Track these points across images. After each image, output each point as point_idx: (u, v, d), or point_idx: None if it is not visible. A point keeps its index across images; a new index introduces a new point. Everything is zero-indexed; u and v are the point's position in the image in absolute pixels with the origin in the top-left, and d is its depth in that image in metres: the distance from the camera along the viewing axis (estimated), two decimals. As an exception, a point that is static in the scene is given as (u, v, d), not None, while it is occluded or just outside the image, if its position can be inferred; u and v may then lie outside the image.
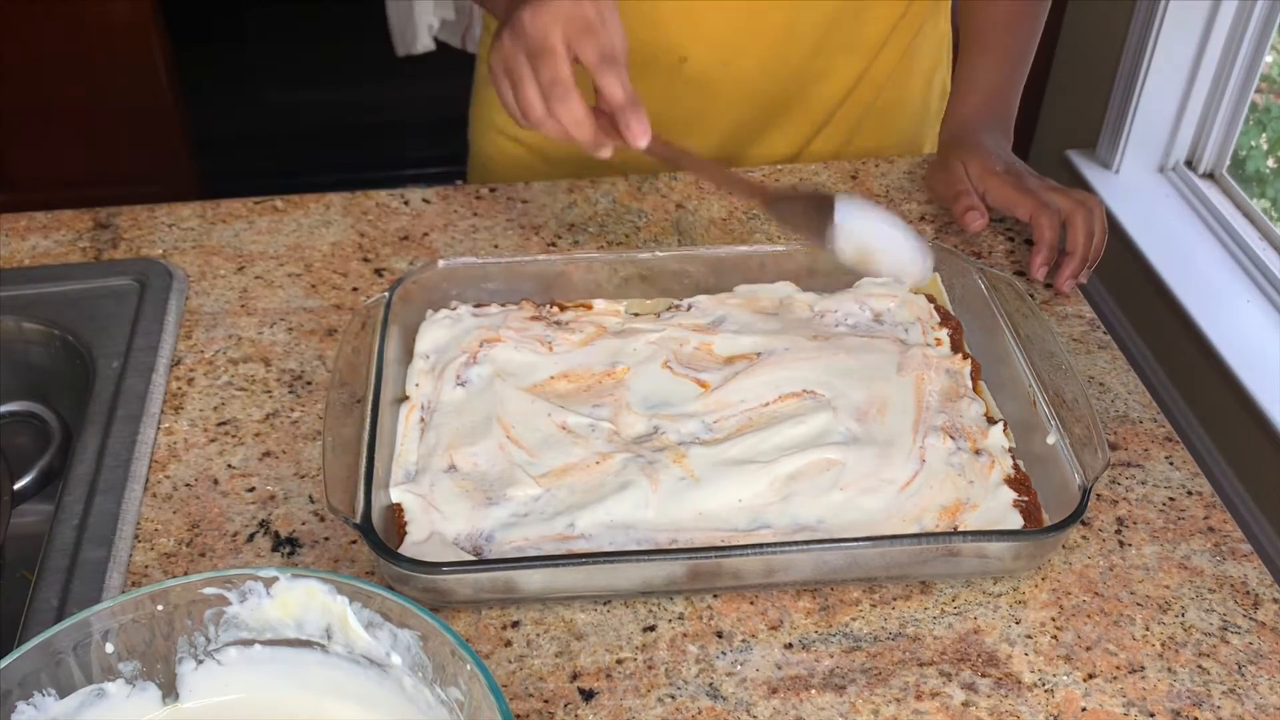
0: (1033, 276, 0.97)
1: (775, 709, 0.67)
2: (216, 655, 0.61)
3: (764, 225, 1.04)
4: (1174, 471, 0.83)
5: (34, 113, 2.46)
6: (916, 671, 0.69)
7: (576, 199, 1.08)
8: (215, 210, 1.06)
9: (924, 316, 0.90)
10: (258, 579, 0.59)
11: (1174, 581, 0.75)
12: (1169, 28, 2.29)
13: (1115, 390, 0.89)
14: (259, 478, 0.81)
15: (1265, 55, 2.23)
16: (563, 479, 0.77)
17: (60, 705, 0.57)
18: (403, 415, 0.81)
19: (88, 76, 2.41)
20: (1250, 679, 0.69)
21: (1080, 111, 2.58)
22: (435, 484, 0.76)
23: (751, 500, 0.76)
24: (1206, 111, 2.37)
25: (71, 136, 2.51)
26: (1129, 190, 2.44)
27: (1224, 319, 2.13)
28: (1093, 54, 2.52)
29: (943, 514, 0.75)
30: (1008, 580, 0.75)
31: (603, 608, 0.73)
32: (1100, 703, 0.68)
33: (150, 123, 2.49)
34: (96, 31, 2.37)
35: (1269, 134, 2.38)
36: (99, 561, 0.74)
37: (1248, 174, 2.36)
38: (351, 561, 0.76)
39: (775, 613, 0.73)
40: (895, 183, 1.11)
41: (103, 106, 2.46)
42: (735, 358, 0.86)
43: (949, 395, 0.83)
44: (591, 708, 0.67)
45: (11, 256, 1.01)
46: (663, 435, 0.80)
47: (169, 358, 0.90)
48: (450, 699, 0.57)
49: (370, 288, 0.98)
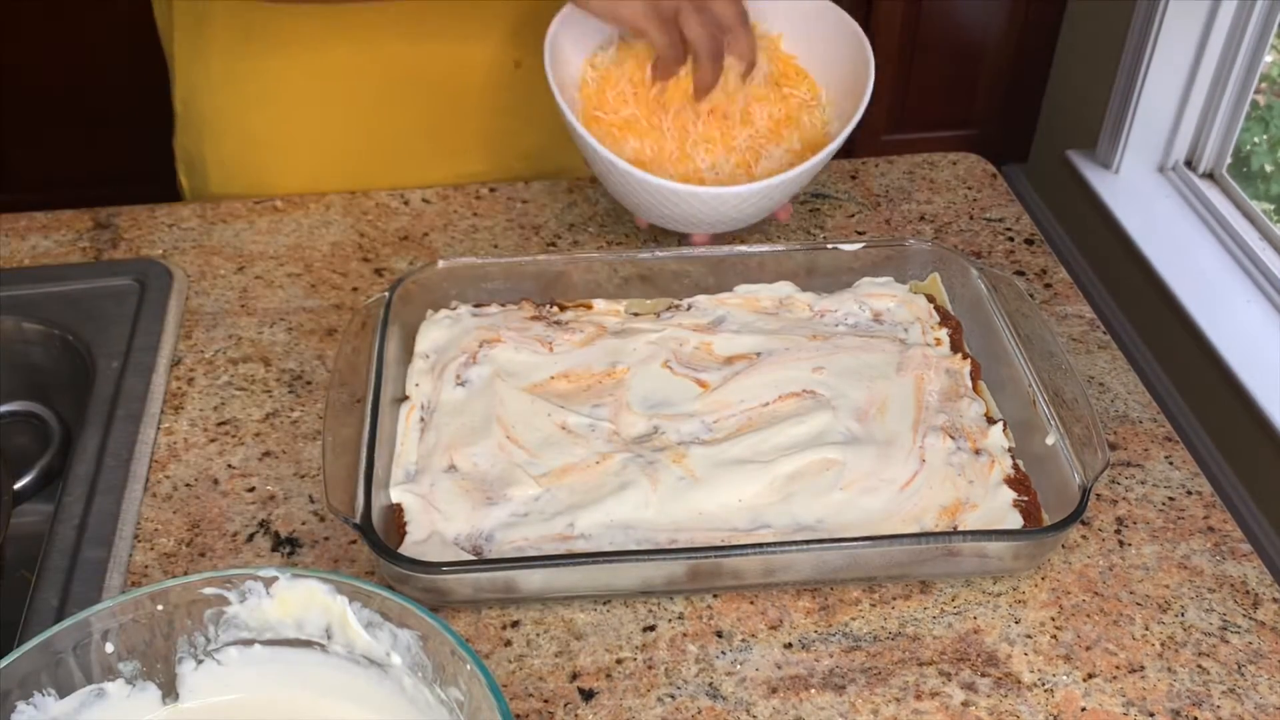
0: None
1: (775, 709, 0.67)
2: (216, 655, 0.61)
3: (764, 225, 1.04)
4: (1174, 471, 0.83)
5: (34, 113, 2.46)
6: (916, 671, 0.69)
7: (576, 199, 1.08)
8: (215, 210, 1.07)
9: (924, 316, 0.90)
10: (258, 579, 0.59)
11: (1174, 581, 0.75)
12: (1169, 28, 2.29)
13: (1115, 390, 0.89)
14: (259, 478, 0.81)
15: (1265, 55, 2.23)
16: (563, 479, 0.77)
17: (60, 705, 0.57)
18: (403, 415, 0.81)
19: (88, 76, 2.42)
20: (1250, 679, 0.69)
21: (1080, 111, 2.58)
22: (435, 484, 0.76)
23: (751, 500, 0.76)
24: (1206, 111, 2.37)
25: (71, 136, 2.51)
26: (1129, 190, 2.45)
27: (1224, 319, 2.13)
28: (1093, 54, 2.52)
29: (942, 514, 0.75)
30: (1007, 580, 0.75)
31: (603, 608, 0.73)
32: (1100, 702, 0.68)
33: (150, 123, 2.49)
34: (96, 31, 2.37)
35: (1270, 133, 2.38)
36: (99, 561, 0.74)
37: (1251, 172, 2.37)
38: (351, 561, 0.76)
39: (775, 612, 0.73)
40: (895, 183, 1.11)
41: (103, 106, 2.46)
42: (735, 358, 0.86)
43: (949, 395, 0.83)
44: (591, 708, 0.67)
45: (11, 256, 1.01)
46: (663, 435, 0.80)
47: (169, 358, 0.90)
48: (450, 699, 0.57)
49: (370, 288, 0.98)
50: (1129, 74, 2.38)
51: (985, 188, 1.11)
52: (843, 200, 1.08)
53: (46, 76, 2.41)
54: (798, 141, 0.98)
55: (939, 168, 1.13)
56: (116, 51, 2.40)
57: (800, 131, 0.98)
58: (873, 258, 0.92)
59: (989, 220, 1.07)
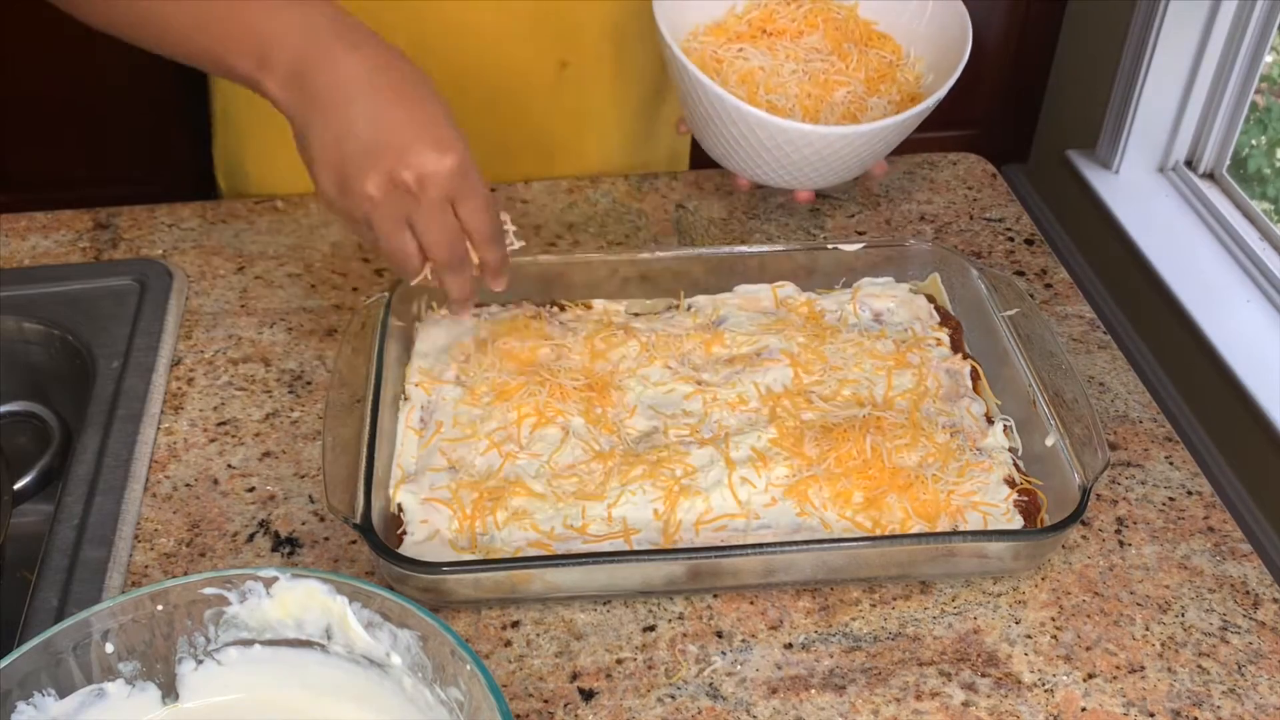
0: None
1: (775, 709, 0.67)
2: (216, 655, 0.61)
3: (764, 225, 1.04)
4: (1174, 471, 0.83)
5: (34, 113, 2.46)
6: (916, 671, 0.69)
7: (576, 199, 1.08)
8: (215, 210, 1.06)
9: (924, 316, 0.90)
10: (258, 579, 0.59)
11: (1174, 581, 0.75)
12: (1169, 28, 2.29)
13: (1115, 390, 0.89)
14: (259, 478, 0.81)
15: (1265, 55, 2.23)
16: (563, 479, 0.77)
17: (60, 705, 0.57)
18: (403, 415, 0.81)
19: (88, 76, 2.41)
20: (1250, 679, 0.69)
21: (1080, 111, 2.58)
22: (435, 484, 0.76)
23: (752, 500, 0.76)
24: (1206, 111, 2.37)
25: (71, 136, 2.51)
26: (1129, 190, 2.44)
27: (1224, 319, 2.13)
28: (1093, 54, 2.52)
29: (943, 514, 0.75)
30: (1008, 580, 0.75)
31: (603, 608, 0.73)
32: (1100, 703, 0.68)
33: (150, 122, 2.49)
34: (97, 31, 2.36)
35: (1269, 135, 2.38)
36: (99, 561, 0.74)
37: (1249, 173, 2.36)
38: (351, 561, 0.76)
39: (775, 613, 0.73)
40: (895, 183, 1.11)
41: (103, 106, 2.46)
42: (735, 358, 0.86)
43: (949, 395, 0.83)
44: (591, 708, 0.67)
45: (11, 256, 1.01)
46: (663, 435, 0.80)
47: (169, 358, 0.90)
48: (450, 699, 0.57)
49: (370, 288, 0.98)
50: (1129, 74, 2.38)
51: (985, 188, 1.11)
52: (843, 200, 1.08)
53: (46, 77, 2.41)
54: (896, 93, 0.98)
55: (939, 168, 1.13)
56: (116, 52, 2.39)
57: (896, 85, 0.98)
58: (873, 258, 0.92)
59: (989, 220, 1.07)
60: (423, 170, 0.71)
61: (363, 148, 0.71)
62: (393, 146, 0.71)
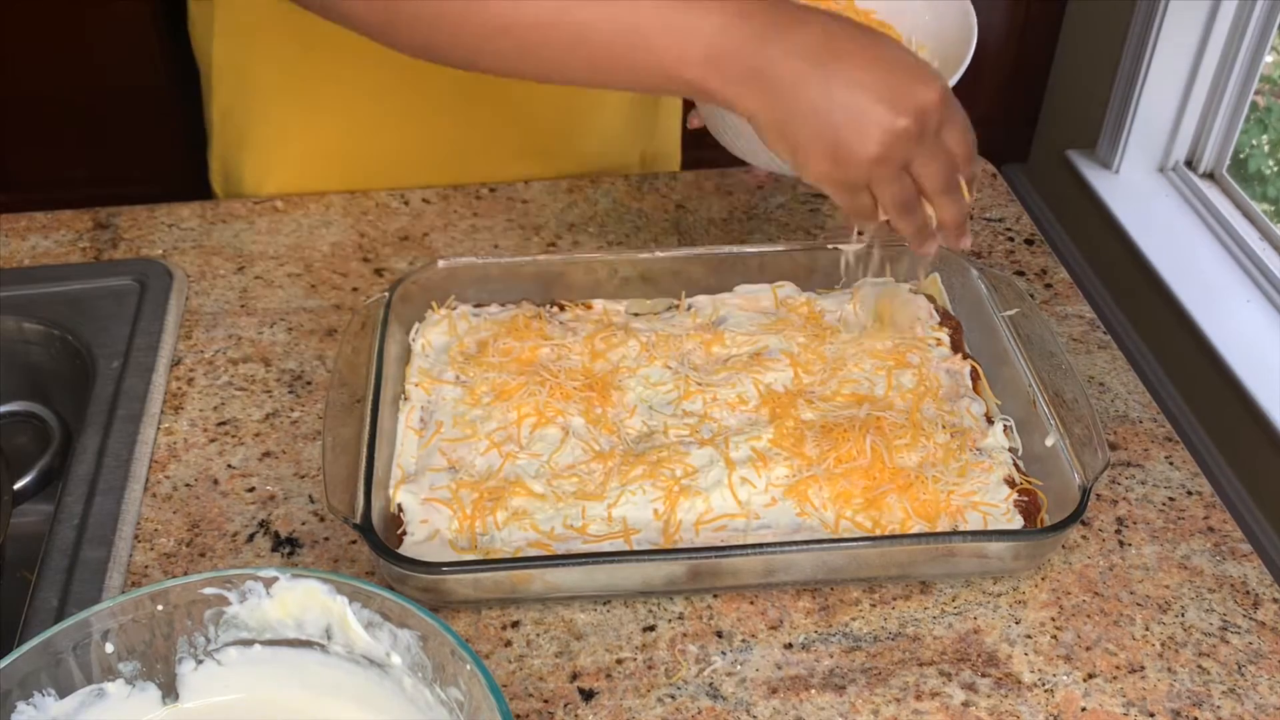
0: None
1: (775, 709, 0.67)
2: (216, 655, 0.61)
3: (764, 225, 1.04)
4: (1174, 471, 0.83)
5: (34, 112, 2.46)
6: (916, 671, 0.69)
7: (576, 199, 1.08)
8: (215, 210, 1.07)
9: (924, 316, 0.90)
10: (257, 579, 0.59)
11: (1174, 581, 0.75)
12: (1169, 28, 2.29)
13: (1115, 390, 0.89)
14: (259, 478, 0.81)
15: (1265, 55, 2.23)
16: (562, 479, 0.77)
17: (60, 705, 0.57)
18: (402, 415, 0.81)
19: (87, 76, 2.41)
20: (1250, 679, 0.69)
21: (1080, 111, 2.58)
22: (435, 484, 0.76)
23: (752, 500, 0.76)
24: (1206, 111, 2.37)
25: (71, 136, 2.51)
26: (1129, 190, 2.45)
27: (1224, 319, 2.13)
28: (1093, 54, 2.52)
29: (943, 514, 0.75)
30: (1008, 580, 0.75)
31: (603, 608, 0.73)
32: (1100, 703, 0.68)
33: (150, 122, 2.49)
34: (96, 30, 2.37)
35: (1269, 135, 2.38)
36: (99, 561, 0.74)
37: (1249, 173, 2.37)
38: (351, 561, 0.76)
39: (775, 612, 0.73)
40: (895, 183, 1.11)
41: (103, 106, 2.46)
42: (735, 358, 0.86)
43: (949, 395, 0.83)
44: (591, 708, 0.67)
45: (11, 256, 1.01)
46: (663, 435, 0.80)
47: (169, 358, 0.90)
48: (450, 699, 0.57)
49: (370, 288, 0.98)
50: (1129, 74, 2.38)
51: (985, 188, 1.11)
52: (843, 200, 1.08)
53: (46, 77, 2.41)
54: None
55: (939, 168, 1.13)
56: (116, 52, 2.40)
57: None
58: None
59: (989, 220, 1.07)
60: (919, 107, 0.71)
61: (851, 116, 0.70)
62: (882, 101, 0.70)
